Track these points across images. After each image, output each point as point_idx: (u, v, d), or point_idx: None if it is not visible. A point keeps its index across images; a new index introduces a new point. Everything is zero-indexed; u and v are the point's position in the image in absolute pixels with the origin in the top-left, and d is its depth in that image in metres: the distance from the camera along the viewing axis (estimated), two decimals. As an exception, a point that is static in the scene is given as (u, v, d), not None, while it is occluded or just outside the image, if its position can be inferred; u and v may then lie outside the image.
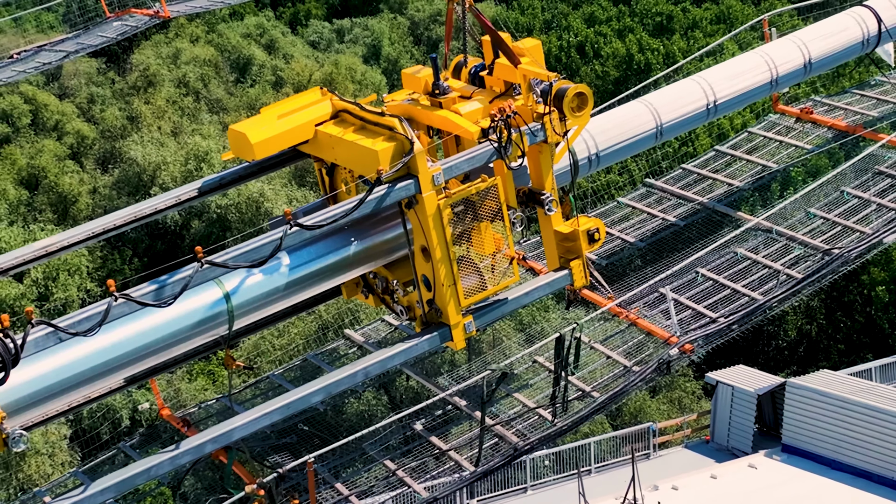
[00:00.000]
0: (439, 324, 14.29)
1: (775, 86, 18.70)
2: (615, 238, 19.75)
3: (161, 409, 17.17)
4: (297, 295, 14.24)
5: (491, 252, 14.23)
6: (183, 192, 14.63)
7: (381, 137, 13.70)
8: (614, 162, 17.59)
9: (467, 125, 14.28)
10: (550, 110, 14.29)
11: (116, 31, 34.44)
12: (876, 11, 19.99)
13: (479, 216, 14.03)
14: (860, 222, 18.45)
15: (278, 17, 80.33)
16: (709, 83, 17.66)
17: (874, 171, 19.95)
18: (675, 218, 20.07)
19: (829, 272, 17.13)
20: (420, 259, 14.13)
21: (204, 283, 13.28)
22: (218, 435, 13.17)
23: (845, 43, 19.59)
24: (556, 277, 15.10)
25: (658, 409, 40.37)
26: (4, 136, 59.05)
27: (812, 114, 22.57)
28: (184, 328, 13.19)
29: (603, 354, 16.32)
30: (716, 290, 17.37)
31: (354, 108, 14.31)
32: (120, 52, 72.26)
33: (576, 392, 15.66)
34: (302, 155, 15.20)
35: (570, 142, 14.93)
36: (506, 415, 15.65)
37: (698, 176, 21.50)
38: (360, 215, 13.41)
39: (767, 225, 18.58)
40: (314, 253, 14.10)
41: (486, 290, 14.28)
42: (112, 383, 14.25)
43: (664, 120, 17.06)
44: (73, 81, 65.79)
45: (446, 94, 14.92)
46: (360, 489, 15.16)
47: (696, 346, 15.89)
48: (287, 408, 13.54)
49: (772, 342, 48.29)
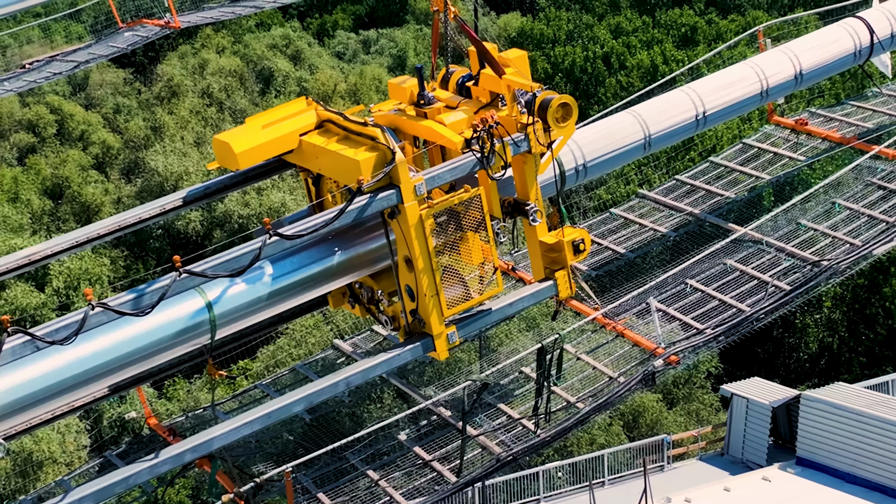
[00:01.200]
0: (422, 334, 14.30)
1: (766, 97, 18.65)
2: (606, 249, 19.72)
3: (148, 417, 17.19)
4: (281, 304, 14.25)
5: (474, 262, 14.23)
6: (167, 202, 14.68)
7: (364, 147, 13.72)
8: (602, 173, 17.57)
9: (451, 135, 14.30)
10: (534, 121, 14.30)
11: (127, 42, 34.68)
12: (868, 23, 19.93)
13: (461, 226, 14.04)
14: (851, 234, 18.38)
15: (305, 28, 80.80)
16: (698, 94, 17.63)
17: (866, 182, 19.89)
18: (667, 229, 20.01)
19: (818, 284, 17.07)
20: (404, 269, 14.14)
21: (186, 293, 13.31)
22: (197, 444, 13.19)
23: (837, 54, 19.53)
24: (540, 288, 15.10)
25: (675, 422, 40.32)
26: (30, 146, 59.49)
27: (807, 125, 22.50)
28: (165, 337, 13.20)
29: (589, 365, 16.28)
30: (704, 301, 17.32)
31: (338, 118, 14.34)
32: (147, 62, 72.82)
33: (561, 403, 15.63)
34: (288, 165, 15.24)
35: (556, 152, 14.93)
36: (490, 425, 15.63)
37: (691, 187, 21.44)
38: (341, 225, 13.40)
39: (758, 236, 18.53)
40: (297, 263, 14.11)
41: (469, 300, 14.29)
42: (96, 391, 14.32)
43: (653, 131, 17.03)
44: (99, 92, 66.32)
45: (431, 105, 14.94)
46: (343, 499, 15.14)
47: (682, 357, 15.84)
48: (267, 417, 13.55)
49: (793, 354, 48.16)
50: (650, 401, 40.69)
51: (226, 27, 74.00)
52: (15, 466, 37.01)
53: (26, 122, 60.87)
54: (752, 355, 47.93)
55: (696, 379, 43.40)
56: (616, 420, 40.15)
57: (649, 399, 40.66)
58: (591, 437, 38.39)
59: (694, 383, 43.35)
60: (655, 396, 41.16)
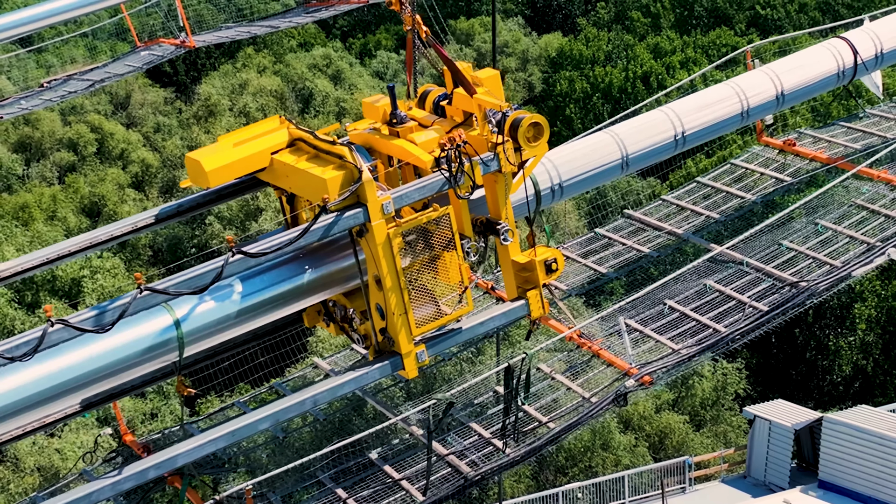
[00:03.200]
0: (392, 352, 14.30)
1: (746, 117, 18.63)
2: (589, 269, 19.70)
3: (124, 434, 17.20)
4: (251, 322, 14.25)
5: (444, 281, 14.23)
6: (140, 219, 14.75)
7: (332, 166, 13.76)
8: (579, 192, 17.56)
9: (420, 154, 14.32)
10: (504, 140, 14.30)
11: (143, 61, 35.12)
12: (852, 43, 19.90)
13: (431, 245, 14.04)
14: (833, 255, 18.33)
15: (348, 49, 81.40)
16: (677, 114, 17.62)
17: (851, 203, 19.85)
18: (650, 249, 20.01)
19: (796, 305, 16.99)
20: (374, 288, 14.14)
21: (155, 309, 13.35)
22: (161, 461, 13.19)
23: (819, 75, 19.50)
24: (512, 307, 15.08)
25: (702, 444, 40.28)
26: (70, 165, 59.94)
27: (795, 146, 22.49)
28: (132, 354, 13.21)
29: (563, 385, 16.25)
30: (681, 321, 17.28)
31: (309, 136, 14.38)
32: (189, 82, 73.48)
33: (532, 423, 15.59)
34: (262, 183, 15.29)
35: (528, 172, 14.94)
36: (461, 444, 15.60)
37: (677, 207, 21.45)
38: (307, 244, 13.43)
39: (738, 257, 18.50)
40: (267, 281, 14.12)
41: (438, 319, 14.28)
42: (65, 408, 14.35)
43: (630, 151, 17.02)
44: (140, 111, 66.97)
45: (403, 124, 14.96)
46: (310, 518, 15.14)
47: (656, 377, 15.78)
48: (233, 434, 13.54)
49: (826, 377, 48.02)
50: (677, 422, 40.67)
51: (268, 46, 74.89)
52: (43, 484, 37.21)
53: (67, 140, 61.54)
54: (786, 378, 47.85)
55: (723, 401, 43.29)
56: (642, 441, 40.16)
57: (676, 421, 40.66)
58: (616, 457, 38.42)
59: (722, 405, 43.24)
60: (682, 418, 41.15)
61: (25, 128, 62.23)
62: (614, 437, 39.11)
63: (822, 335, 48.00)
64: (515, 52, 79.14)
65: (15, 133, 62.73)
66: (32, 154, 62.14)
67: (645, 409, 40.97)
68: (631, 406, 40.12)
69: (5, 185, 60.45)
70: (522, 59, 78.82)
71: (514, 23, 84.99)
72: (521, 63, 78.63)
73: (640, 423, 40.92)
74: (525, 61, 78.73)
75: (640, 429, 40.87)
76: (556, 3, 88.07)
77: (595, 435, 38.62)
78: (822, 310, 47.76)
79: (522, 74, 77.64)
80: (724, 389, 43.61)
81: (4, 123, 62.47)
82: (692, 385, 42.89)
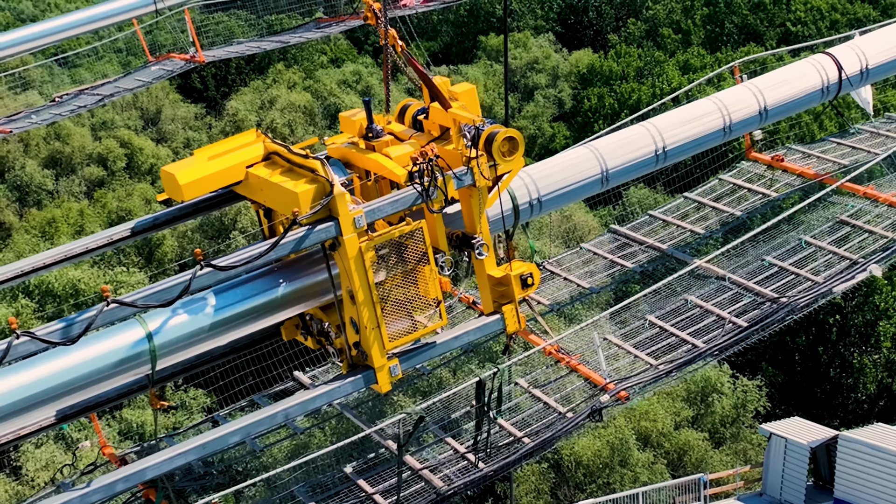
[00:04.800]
0: (365, 366, 14.29)
1: (729, 132, 18.57)
2: (572, 283, 19.67)
3: (103, 447, 17.21)
4: (224, 336, 14.23)
5: (418, 295, 14.22)
6: (115, 233, 14.79)
7: (304, 179, 13.78)
8: (558, 207, 17.53)
9: (395, 168, 14.33)
10: (479, 154, 14.31)
11: (153, 76, 35.45)
12: (837, 59, 19.86)
13: (404, 259, 14.04)
14: (815, 271, 18.27)
15: (379, 65, 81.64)
16: (658, 129, 17.58)
17: (836, 219, 19.80)
18: (634, 264, 19.97)
19: (776, 321, 16.93)
20: (348, 301, 14.14)
21: (128, 322, 13.37)
22: (129, 474, 13.18)
23: (803, 90, 19.44)
24: (487, 322, 15.06)
25: (722, 461, 40.12)
26: (99, 180, 60.21)
27: (783, 161, 22.47)
28: (104, 367, 13.21)
29: (539, 400, 16.22)
30: (661, 336, 17.23)
31: (283, 150, 14.40)
32: (219, 97, 73.85)
33: (507, 437, 15.55)
34: (238, 196, 15.31)
35: (503, 186, 14.94)
36: (435, 459, 15.56)
37: (664, 223, 21.42)
38: (276, 257, 13.44)
39: (721, 272, 18.46)
40: (241, 294, 14.11)
41: (411, 333, 14.27)
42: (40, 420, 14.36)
43: (610, 166, 16.98)
44: (170, 126, 67.26)
45: (379, 138, 14.98)
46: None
47: (632, 393, 15.73)
48: (203, 448, 13.53)
49: (851, 395, 47.85)
50: (696, 439, 40.53)
51: (298, 63, 75.22)
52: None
53: (97, 155, 61.86)
54: (810, 396, 47.70)
55: (743, 418, 43.14)
56: (660, 458, 40.04)
57: (695, 438, 40.53)
58: (634, 474, 38.34)
59: (742, 423, 43.08)
60: (702, 435, 41.01)
61: (56, 143, 62.76)
62: (633, 454, 39.04)
63: (846, 353, 47.88)
64: (545, 69, 79.25)
65: (46, 148, 63.30)
66: (62, 169, 62.51)
67: (664, 425, 40.82)
68: (650, 423, 40.06)
69: (35, 201, 60.90)
70: (552, 75, 78.90)
71: (545, 39, 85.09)
72: (551, 79, 78.74)
73: (659, 439, 40.79)
74: (555, 77, 78.81)
75: (659, 445, 40.74)
76: (587, 20, 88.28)
77: (613, 451, 38.57)
78: (847, 327, 47.67)
79: (552, 91, 77.72)
80: (743, 407, 43.47)
81: (36, 139, 63.18)
82: (712, 402, 42.74)
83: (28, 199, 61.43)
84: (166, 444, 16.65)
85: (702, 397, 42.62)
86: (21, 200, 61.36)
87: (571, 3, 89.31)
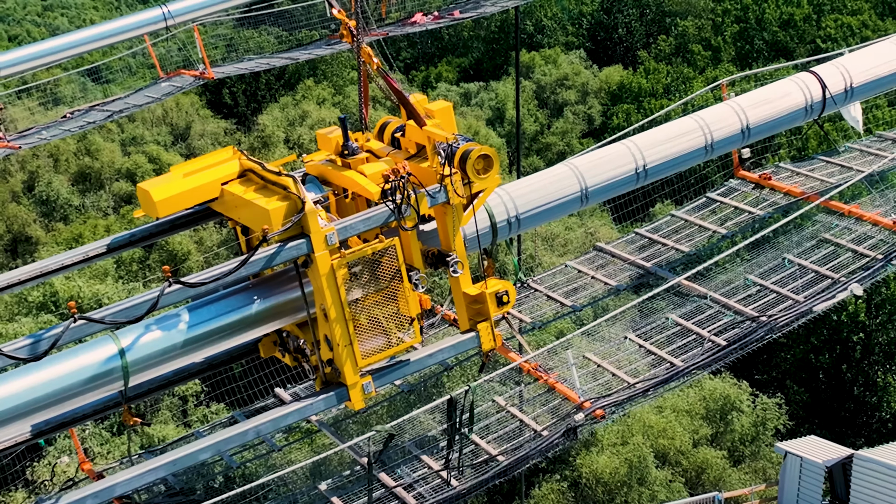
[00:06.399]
0: (339, 384, 14.29)
1: (711, 151, 18.57)
2: (554, 301, 19.66)
3: (82, 463, 17.23)
4: (198, 353, 14.22)
5: (391, 313, 14.21)
6: (91, 249, 14.79)
7: (277, 197, 13.81)
8: (537, 225, 17.53)
9: (368, 185, 14.35)
10: (452, 172, 14.32)
11: (162, 92, 35.65)
12: (821, 78, 19.84)
13: (377, 277, 14.05)
14: (797, 290, 18.22)
15: (411, 81, 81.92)
16: (638, 147, 17.58)
17: (819, 238, 19.77)
18: (618, 282, 19.94)
19: (755, 340, 16.88)
20: (321, 318, 14.15)
21: (100, 338, 13.40)
22: (98, 490, 13.18)
23: (786, 109, 19.41)
24: (462, 339, 15.06)
25: (741, 480, 39.95)
26: (127, 195, 60.55)
27: (770, 180, 22.45)
28: (76, 383, 13.21)
29: (516, 418, 16.19)
30: (640, 354, 17.20)
31: (258, 167, 14.44)
32: (249, 113, 74.21)
33: (482, 455, 15.52)
34: (216, 213, 15.35)
35: (478, 204, 14.94)
36: (410, 476, 15.54)
37: (649, 241, 21.41)
38: (246, 274, 13.46)
39: (703, 290, 18.43)
40: (215, 311, 14.12)
41: (385, 351, 14.26)
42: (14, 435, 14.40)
43: (589, 184, 16.99)
44: (199, 142, 67.57)
45: (354, 155, 15.02)
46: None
47: (608, 412, 15.70)
48: (173, 464, 13.53)
49: (875, 414, 47.69)
50: (714, 458, 40.37)
51: (328, 79, 75.52)
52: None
53: (125, 171, 62.19)
54: (834, 414, 47.53)
55: (763, 437, 42.97)
56: (678, 476, 39.91)
57: (713, 456, 40.37)
58: (651, 493, 38.24)
59: (762, 441, 42.89)
60: (720, 453, 40.84)
61: (86, 158, 63.24)
62: (651, 472, 38.95)
63: (870, 371, 47.71)
64: (575, 85, 79.38)
65: (75, 163, 63.75)
66: (91, 184, 62.92)
67: (682, 443, 40.70)
68: (668, 440, 39.95)
69: (61, 216, 61.29)
70: (582, 91, 79.02)
71: (576, 56, 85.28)
72: (580, 96, 78.85)
73: (677, 457, 40.67)
74: (585, 94, 78.93)
75: (677, 463, 40.60)
76: (617, 36, 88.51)
77: (632, 469, 38.48)
78: (871, 345, 47.51)
79: (582, 107, 77.85)
80: (763, 425, 43.31)
81: (66, 154, 63.69)
82: (731, 420, 42.60)
83: (55, 213, 61.94)
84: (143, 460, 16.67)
85: (721, 415, 42.46)
86: (48, 215, 61.89)
87: (602, 20, 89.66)
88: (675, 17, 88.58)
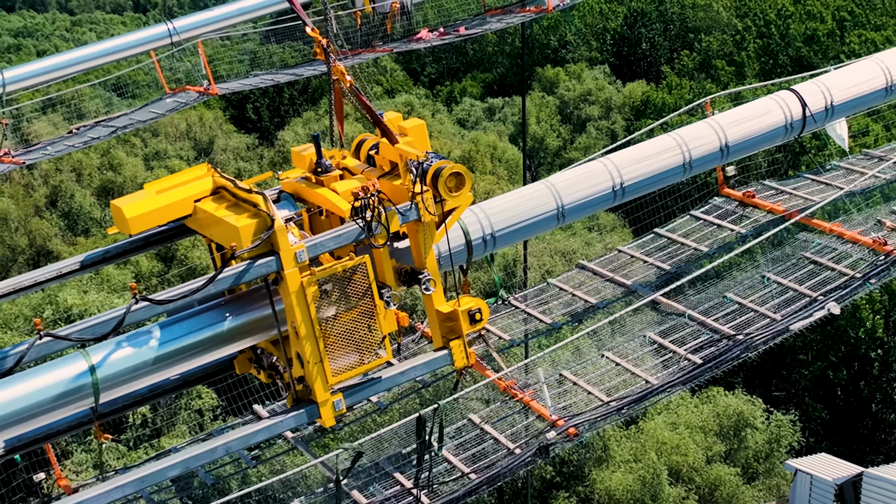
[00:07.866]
0: (309, 401, 14.30)
1: (689, 169, 18.57)
2: (533, 319, 19.67)
3: (59, 479, 17.24)
4: (169, 369, 14.23)
5: (362, 331, 14.23)
6: (65, 266, 14.84)
7: (247, 214, 13.85)
8: (512, 243, 17.55)
9: (339, 202, 14.38)
10: (424, 190, 14.35)
11: (167, 108, 35.92)
12: (801, 96, 19.87)
13: (348, 294, 14.06)
14: (775, 308, 18.22)
15: (435, 96, 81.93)
16: (615, 165, 17.59)
17: (799, 256, 19.77)
18: (598, 300, 19.95)
19: (730, 359, 16.88)
20: (292, 336, 14.17)
21: (71, 354, 13.42)
22: (63, 508, 13.19)
23: (765, 127, 19.43)
24: (434, 357, 15.05)
25: (754, 497, 39.85)
26: None
27: (754, 198, 22.46)
28: (45, 400, 13.23)
29: (490, 436, 16.18)
30: (615, 372, 17.20)
31: (230, 184, 14.49)
32: (272, 128, 74.44)
33: (454, 473, 15.51)
34: (190, 230, 15.39)
35: (451, 222, 14.97)
36: (382, 493, 15.54)
37: (631, 258, 21.42)
38: (214, 292, 13.48)
39: (682, 308, 18.44)
40: (186, 328, 14.13)
41: (355, 368, 14.27)
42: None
43: (566, 201, 16.98)
44: (222, 156, 67.83)
45: (328, 173, 15.06)
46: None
47: (582, 430, 15.69)
48: (141, 481, 13.52)
49: (893, 431, 47.56)
50: (728, 475, 40.25)
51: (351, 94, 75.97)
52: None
53: None
54: (852, 431, 47.41)
55: (777, 454, 42.85)
56: (692, 494, 39.79)
57: (727, 473, 40.26)
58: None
59: (776, 458, 42.77)
60: (734, 470, 40.72)
61: (109, 172, 63.40)
62: (664, 489, 38.83)
63: (888, 387, 47.61)
64: (599, 100, 79.47)
65: (99, 178, 63.91)
66: (114, 198, 63.28)
67: (695, 460, 40.58)
68: (680, 457, 39.83)
69: (83, 229, 61.49)
70: (606, 107, 79.15)
71: (600, 71, 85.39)
72: (604, 111, 78.97)
73: (691, 474, 40.55)
74: (608, 109, 79.07)
75: (691, 480, 40.47)
76: (641, 52, 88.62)
77: (645, 486, 38.38)
78: (889, 362, 47.42)
79: (605, 123, 77.95)
80: (777, 442, 43.21)
81: (89, 168, 63.96)
82: (745, 437, 42.48)
83: (77, 227, 62.20)
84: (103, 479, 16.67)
85: (735, 432, 42.35)
86: (70, 228, 62.13)
87: (625, 35, 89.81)
88: (699, 32, 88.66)
